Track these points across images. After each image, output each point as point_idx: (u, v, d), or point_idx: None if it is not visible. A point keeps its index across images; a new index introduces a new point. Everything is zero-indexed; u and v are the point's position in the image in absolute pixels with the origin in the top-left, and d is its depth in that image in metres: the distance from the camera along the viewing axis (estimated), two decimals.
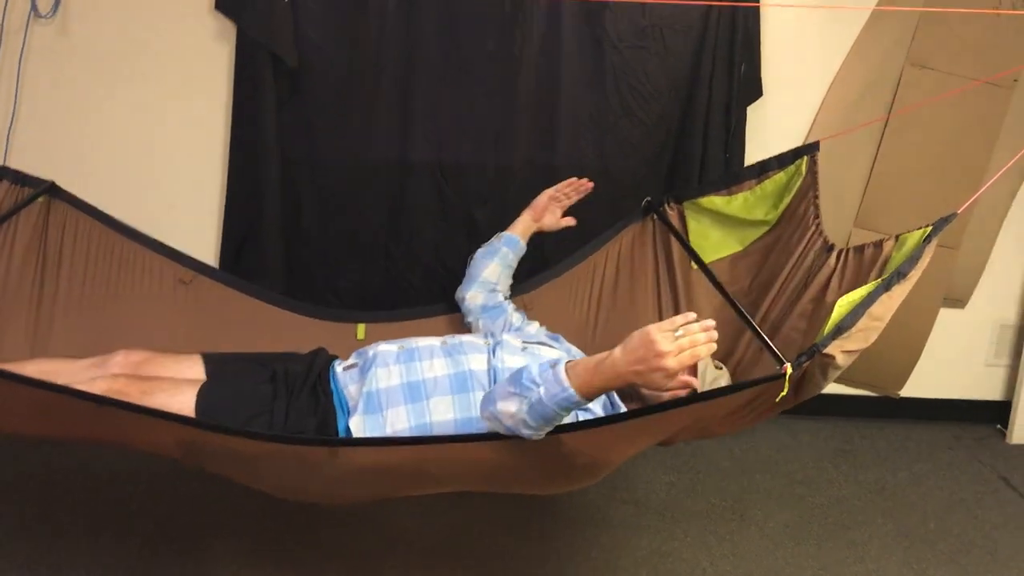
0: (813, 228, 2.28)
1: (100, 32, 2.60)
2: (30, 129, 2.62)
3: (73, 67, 2.61)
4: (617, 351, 1.48)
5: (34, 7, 2.53)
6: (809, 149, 2.32)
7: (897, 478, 2.89)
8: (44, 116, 2.62)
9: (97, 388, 1.78)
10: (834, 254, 2.20)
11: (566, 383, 1.51)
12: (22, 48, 2.56)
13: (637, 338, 1.46)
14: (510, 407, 1.57)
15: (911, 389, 3.15)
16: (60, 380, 1.85)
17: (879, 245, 2.07)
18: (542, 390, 1.53)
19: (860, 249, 2.13)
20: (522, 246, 2.40)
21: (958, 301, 3.15)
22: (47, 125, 2.63)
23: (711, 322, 1.46)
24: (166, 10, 2.60)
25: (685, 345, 1.43)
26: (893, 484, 2.85)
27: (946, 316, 3.09)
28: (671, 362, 1.42)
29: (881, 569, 2.38)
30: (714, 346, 1.46)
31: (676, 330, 1.44)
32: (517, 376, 1.60)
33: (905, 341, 3.03)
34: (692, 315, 1.48)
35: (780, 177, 2.36)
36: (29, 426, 1.76)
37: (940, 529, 2.60)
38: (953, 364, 3.23)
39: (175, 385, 1.88)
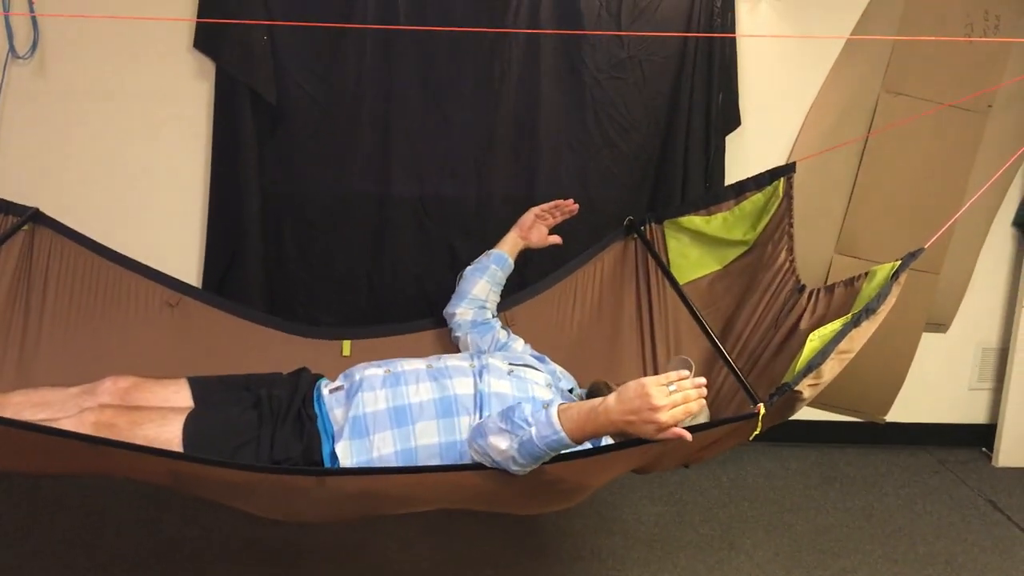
0: (787, 267, 2.32)
1: (78, 72, 2.60)
2: (11, 169, 2.60)
3: (52, 106, 2.61)
4: (611, 399, 1.52)
5: (11, 48, 2.53)
6: (786, 170, 2.37)
7: (884, 503, 2.88)
8: (25, 156, 2.61)
9: (86, 421, 1.80)
10: (805, 294, 2.24)
11: (558, 427, 1.54)
12: (0, 87, 2.55)
13: (632, 389, 1.49)
14: (500, 444, 1.62)
15: (896, 414, 3.16)
16: (48, 410, 1.89)
17: (850, 283, 2.10)
18: (534, 431, 1.56)
19: (831, 288, 2.19)
20: (510, 263, 2.43)
21: (940, 325, 3.16)
22: (28, 164, 2.62)
23: (703, 380, 1.51)
24: (145, 49, 2.60)
25: (678, 400, 1.48)
26: (881, 509, 2.84)
27: (929, 340, 3.11)
28: (664, 416, 1.46)
29: None
30: (704, 402, 1.50)
31: (670, 384, 1.48)
32: (510, 413, 1.63)
33: (889, 366, 3.05)
34: (686, 372, 1.51)
35: (758, 198, 2.39)
36: (21, 463, 1.75)
37: (929, 553, 2.59)
38: (937, 388, 3.24)
39: (162, 416, 1.89)
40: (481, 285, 2.39)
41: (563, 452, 1.66)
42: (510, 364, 2.10)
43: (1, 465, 1.78)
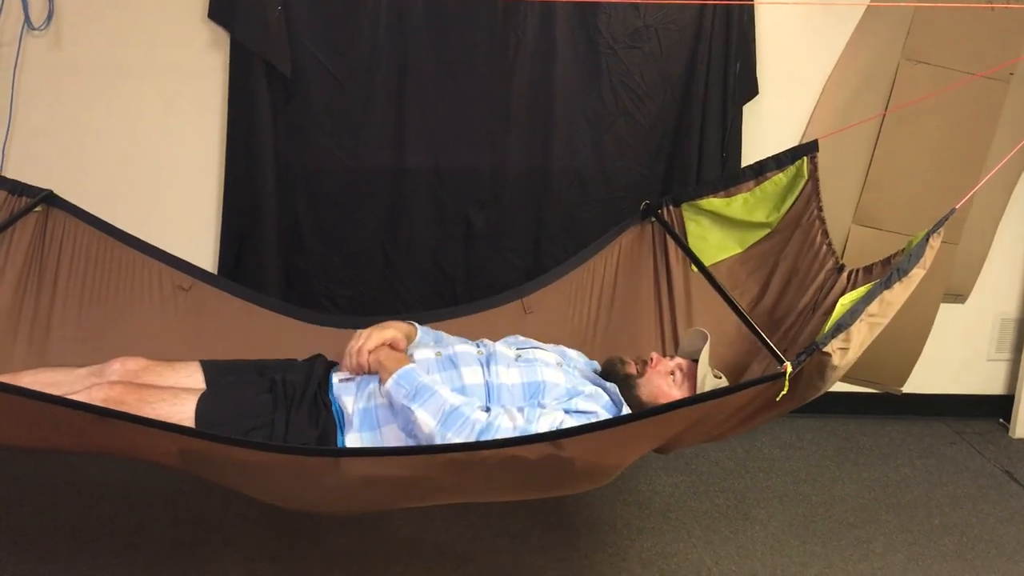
0: (824, 249, 2.26)
1: (93, 43, 2.60)
2: (26, 141, 2.61)
3: (67, 78, 2.61)
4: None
5: (27, 20, 2.53)
6: (808, 149, 2.31)
7: (901, 475, 2.88)
8: (40, 128, 2.62)
9: (95, 396, 1.78)
10: (845, 274, 2.20)
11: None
12: (16, 60, 2.56)
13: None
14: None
15: (913, 385, 3.15)
16: (59, 390, 1.85)
17: (887, 261, 2.06)
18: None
19: (870, 268, 2.13)
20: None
21: (959, 296, 3.14)
22: (43, 137, 2.62)
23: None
24: (159, 21, 2.60)
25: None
26: (897, 481, 2.84)
27: (947, 311, 3.09)
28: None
29: (887, 566, 2.38)
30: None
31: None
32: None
33: (906, 337, 3.03)
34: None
35: (780, 178, 2.35)
36: (28, 438, 1.74)
37: (945, 525, 2.59)
38: (955, 359, 3.23)
39: (174, 395, 1.87)
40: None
41: (583, 425, 1.68)
42: (517, 349, 2.09)
43: (8, 440, 1.77)
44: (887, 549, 2.45)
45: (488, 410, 1.81)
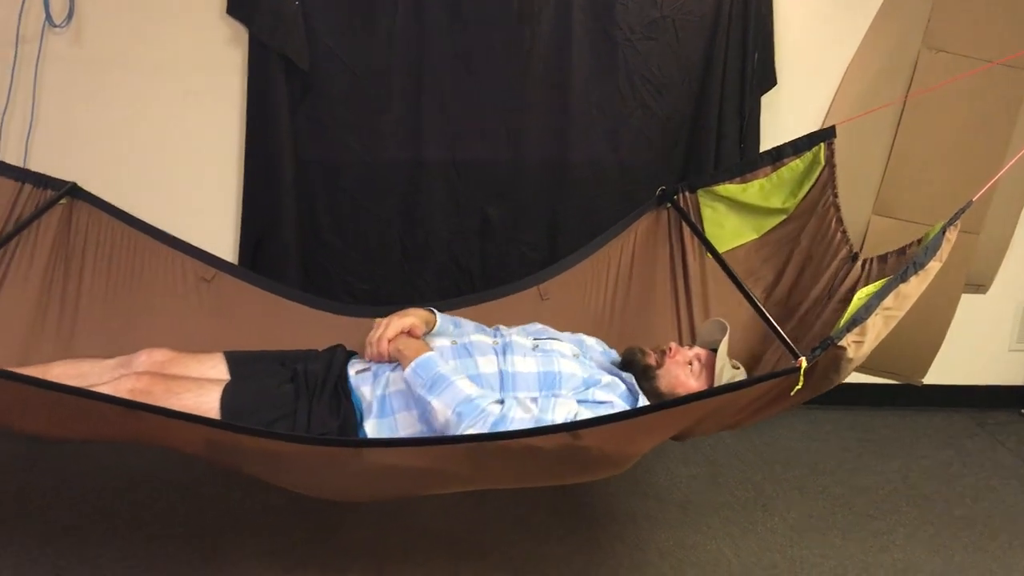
0: (839, 236, 2.26)
1: (113, 40, 2.62)
2: (48, 137, 2.64)
3: (88, 75, 2.63)
4: None
5: (48, 17, 2.55)
6: (825, 135, 2.31)
7: (921, 466, 2.87)
8: (61, 123, 2.64)
9: (123, 387, 1.82)
10: (859, 263, 2.19)
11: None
12: (38, 57, 2.58)
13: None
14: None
15: (933, 376, 3.13)
16: (87, 381, 1.91)
17: (902, 251, 2.05)
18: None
19: (884, 257, 2.13)
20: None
21: (980, 286, 3.12)
22: (65, 132, 2.65)
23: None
24: (178, 17, 2.61)
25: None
26: (917, 472, 2.83)
27: (968, 301, 3.06)
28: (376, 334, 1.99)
29: (907, 558, 2.37)
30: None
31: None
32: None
33: (927, 328, 3.01)
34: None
35: (797, 164, 2.34)
36: (57, 428, 1.78)
37: (966, 516, 2.58)
38: (976, 350, 3.20)
39: (200, 385, 1.92)
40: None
41: (602, 416, 1.71)
42: (534, 339, 2.10)
43: (39, 431, 1.82)
44: (907, 541, 2.45)
45: (502, 402, 1.82)
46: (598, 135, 2.76)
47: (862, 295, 1.82)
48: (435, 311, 2.18)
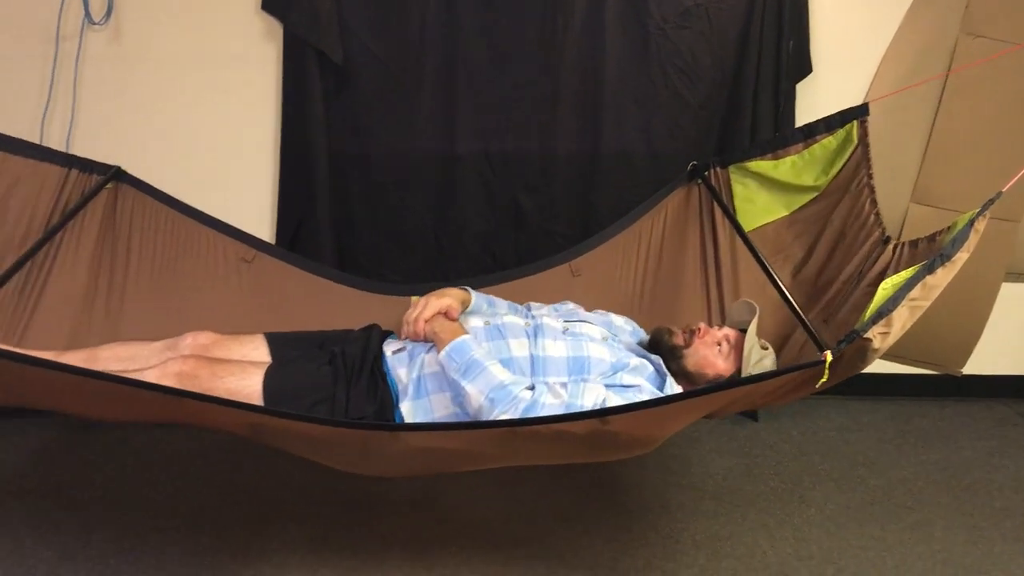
0: (872, 218, 2.25)
1: (151, 36, 2.66)
2: (88, 133, 2.68)
3: (127, 71, 2.67)
4: None
5: (87, 15, 2.59)
6: (858, 112, 2.30)
7: (961, 457, 2.84)
8: (101, 119, 2.69)
9: (170, 370, 1.88)
10: (890, 247, 2.18)
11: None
12: (78, 54, 2.63)
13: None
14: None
15: (973, 366, 3.07)
16: (135, 364, 1.98)
17: (932, 238, 2.04)
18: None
19: (915, 243, 2.12)
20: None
21: (1021, 275, 3.07)
22: (104, 128, 2.69)
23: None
24: (214, 13, 2.65)
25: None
26: (957, 463, 2.80)
27: (1009, 291, 3.01)
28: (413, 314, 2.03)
29: (946, 549, 2.34)
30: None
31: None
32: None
33: (966, 318, 2.97)
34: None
35: (830, 142, 2.33)
36: (107, 411, 1.84)
37: (1005, 507, 2.55)
38: (1016, 339, 3.16)
39: (243, 369, 1.97)
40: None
41: (633, 403, 1.74)
42: (565, 322, 2.12)
43: (90, 414, 1.91)
44: (946, 532, 2.42)
45: (533, 388, 1.85)
46: (631, 125, 2.75)
47: (887, 286, 1.83)
48: (470, 290, 2.20)
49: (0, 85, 2.63)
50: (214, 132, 2.74)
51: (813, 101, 2.80)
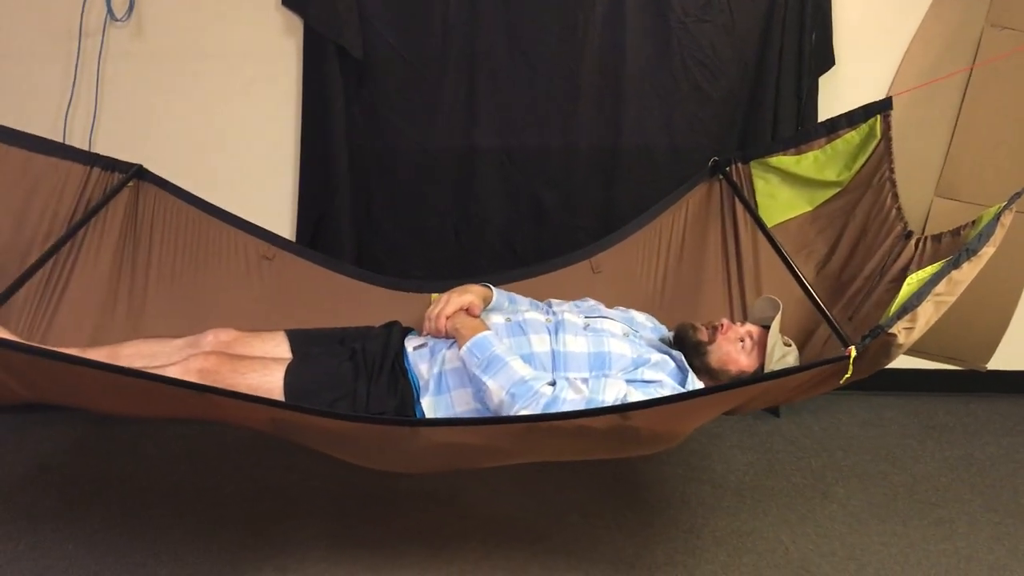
0: (894, 213, 2.23)
1: (172, 32, 2.67)
2: (111, 128, 2.70)
3: (148, 67, 2.69)
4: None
5: (110, 11, 2.61)
6: (881, 107, 2.28)
7: (985, 453, 2.81)
8: (123, 115, 2.71)
9: (192, 366, 1.90)
10: (912, 241, 2.16)
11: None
12: (100, 51, 2.64)
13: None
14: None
15: (998, 362, 3.05)
16: (157, 361, 1.99)
17: (956, 232, 2.03)
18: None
19: (938, 237, 2.10)
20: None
21: None
22: (126, 124, 2.71)
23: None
24: (234, 8, 2.66)
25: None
26: (981, 459, 2.77)
27: None
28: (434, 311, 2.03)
29: (970, 546, 2.32)
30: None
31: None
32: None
33: (991, 313, 2.94)
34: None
35: (852, 136, 2.32)
36: (130, 407, 1.86)
37: None
38: None
39: (264, 365, 1.98)
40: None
41: (656, 398, 1.75)
42: (586, 318, 2.11)
43: (113, 410, 1.92)
44: (971, 529, 2.40)
45: (554, 384, 1.84)
46: (652, 120, 2.74)
47: (913, 281, 1.82)
48: (492, 287, 2.20)
49: (24, 82, 2.66)
50: (234, 129, 2.76)
51: (836, 94, 2.77)
